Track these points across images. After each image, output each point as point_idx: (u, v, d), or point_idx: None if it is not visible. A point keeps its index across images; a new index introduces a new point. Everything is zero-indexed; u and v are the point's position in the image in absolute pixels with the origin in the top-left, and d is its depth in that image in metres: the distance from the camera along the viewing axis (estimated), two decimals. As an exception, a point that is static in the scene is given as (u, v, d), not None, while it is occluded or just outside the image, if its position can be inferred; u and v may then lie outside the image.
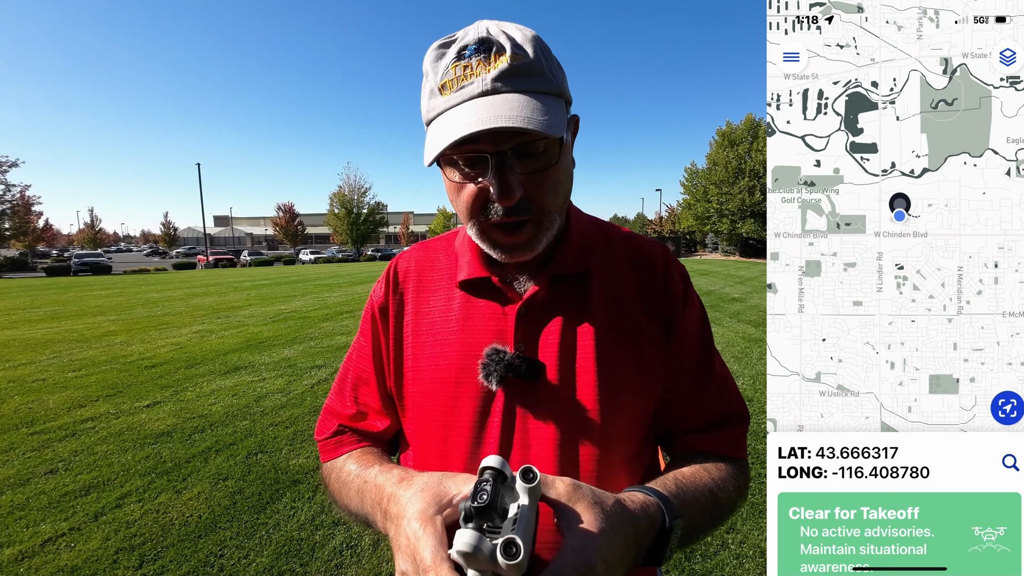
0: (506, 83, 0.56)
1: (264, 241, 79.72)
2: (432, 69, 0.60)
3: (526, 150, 0.58)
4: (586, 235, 0.72)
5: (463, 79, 0.56)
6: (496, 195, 0.57)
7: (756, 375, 4.85)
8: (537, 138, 0.57)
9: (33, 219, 36.84)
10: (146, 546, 2.37)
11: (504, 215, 0.59)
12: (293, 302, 11.14)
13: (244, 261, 36.92)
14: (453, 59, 0.57)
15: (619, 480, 0.65)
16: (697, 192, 33.71)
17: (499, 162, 0.56)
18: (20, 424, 3.93)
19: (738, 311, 8.60)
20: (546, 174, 0.60)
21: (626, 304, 0.69)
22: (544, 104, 0.56)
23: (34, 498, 2.81)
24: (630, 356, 0.66)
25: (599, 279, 0.69)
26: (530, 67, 0.57)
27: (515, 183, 0.57)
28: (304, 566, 2.23)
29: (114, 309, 10.56)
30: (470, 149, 0.57)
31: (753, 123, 31.04)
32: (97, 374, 5.34)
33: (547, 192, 0.60)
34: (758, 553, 2.25)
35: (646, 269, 0.71)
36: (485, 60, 0.56)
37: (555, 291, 0.67)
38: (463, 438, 0.64)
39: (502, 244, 0.62)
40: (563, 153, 0.61)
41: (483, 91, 0.56)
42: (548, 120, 0.55)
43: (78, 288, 16.64)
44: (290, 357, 5.90)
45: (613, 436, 0.64)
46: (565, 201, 0.66)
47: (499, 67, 0.56)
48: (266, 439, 3.54)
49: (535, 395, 0.63)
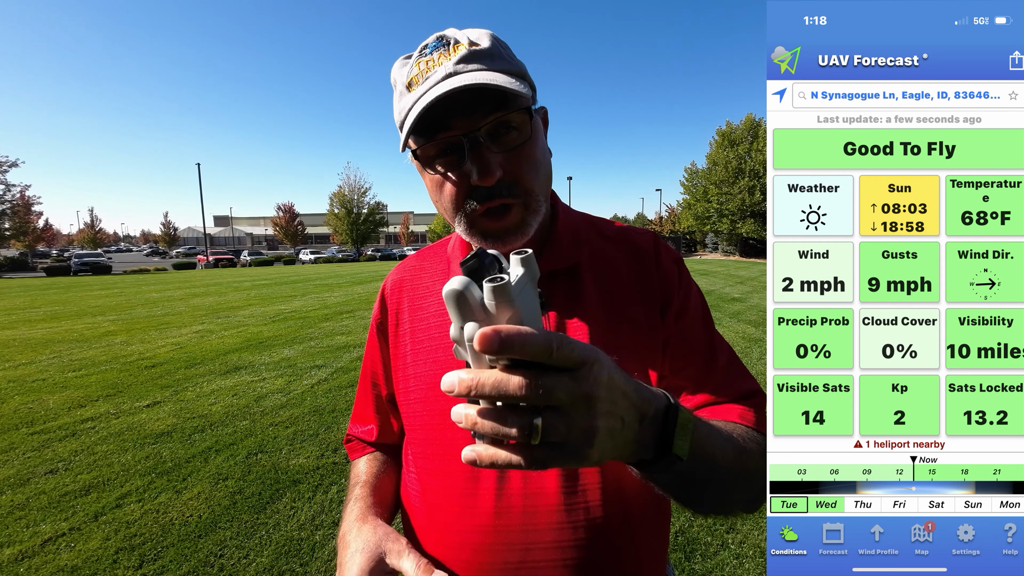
0: (467, 64, 0.58)
1: (264, 241, 79.71)
2: (400, 75, 0.62)
3: (501, 129, 0.59)
4: (574, 229, 0.72)
5: (427, 71, 0.59)
6: (476, 176, 0.58)
7: (756, 375, 4.84)
8: (509, 112, 0.58)
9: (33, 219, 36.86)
10: (146, 546, 2.37)
11: (487, 198, 0.59)
12: (293, 302, 11.13)
13: (244, 261, 36.91)
14: (416, 58, 0.60)
15: (623, 479, 0.63)
16: (697, 192, 33.70)
17: (473, 143, 0.58)
18: (20, 424, 3.93)
19: (738, 311, 8.60)
20: (523, 151, 0.60)
21: (620, 297, 0.68)
22: (507, 75, 0.58)
23: (34, 498, 2.81)
24: (627, 349, 0.65)
25: (591, 273, 0.69)
26: (488, 51, 0.59)
27: (493, 162, 0.58)
28: (304, 566, 2.23)
29: (114, 309, 10.56)
30: (443, 138, 0.58)
31: (753, 123, 31.02)
32: (97, 374, 5.34)
33: (527, 170, 0.61)
34: (758, 553, 2.25)
35: (638, 259, 0.71)
36: (445, 51, 0.59)
37: (548, 287, 0.67)
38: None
39: (492, 231, 0.62)
40: (535, 131, 0.62)
41: (446, 74, 0.57)
42: (513, 83, 0.56)
43: (78, 288, 16.64)
44: (290, 357, 5.90)
45: None
46: (547, 183, 0.66)
47: (459, 53, 0.58)
48: (266, 439, 3.54)
49: None
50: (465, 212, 0.61)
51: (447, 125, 0.57)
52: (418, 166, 0.64)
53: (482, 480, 0.61)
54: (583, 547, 0.59)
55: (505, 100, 0.58)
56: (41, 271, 29.98)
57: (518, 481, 0.61)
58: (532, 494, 0.60)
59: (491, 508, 0.60)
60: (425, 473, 0.67)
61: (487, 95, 0.57)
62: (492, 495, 0.61)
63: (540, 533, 0.59)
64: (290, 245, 52.27)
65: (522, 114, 0.59)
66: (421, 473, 0.68)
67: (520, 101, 0.59)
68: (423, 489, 0.67)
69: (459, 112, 0.57)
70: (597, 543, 0.60)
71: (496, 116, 0.58)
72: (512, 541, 0.59)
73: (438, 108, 0.56)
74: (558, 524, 0.59)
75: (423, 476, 0.68)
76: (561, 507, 0.60)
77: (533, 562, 0.59)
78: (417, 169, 0.66)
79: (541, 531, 0.59)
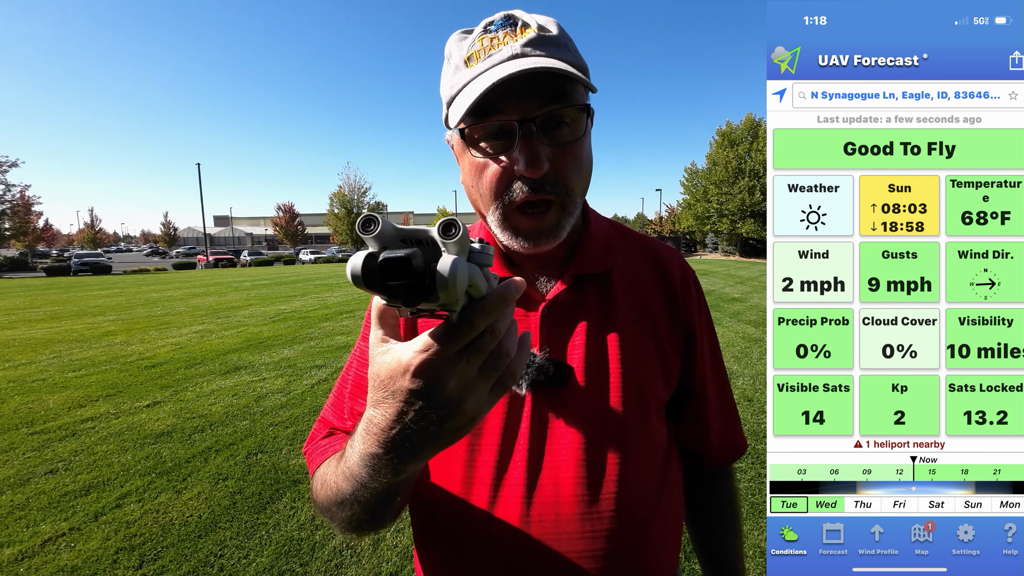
0: (535, 48, 0.55)
1: (264, 241, 79.66)
2: (456, 48, 0.59)
3: (553, 122, 0.56)
4: (606, 235, 0.71)
5: (490, 48, 0.56)
6: (523, 166, 0.55)
7: (756, 375, 4.85)
8: (566, 106, 0.56)
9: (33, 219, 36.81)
10: (146, 546, 2.37)
11: (530, 191, 0.56)
12: (293, 302, 11.13)
13: (244, 261, 36.88)
14: (479, 34, 0.57)
15: (649, 486, 0.63)
16: (697, 192, 33.68)
17: (526, 132, 0.55)
18: (20, 424, 3.93)
19: (738, 311, 8.60)
20: (572, 149, 0.58)
21: (649, 306, 0.68)
22: (574, 68, 0.56)
23: (34, 498, 2.81)
24: (655, 359, 0.65)
25: (622, 279, 0.68)
26: (557, 39, 0.57)
27: (543, 154, 0.55)
28: (304, 566, 2.23)
29: (114, 309, 10.55)
30: (496, 120, 0.55)
31: (753, 123, 31.01)
32: (97, 374, 5.33)
33: (572, 170, 0.58)
34: (758, 553, 2.25)
35: (665, 273, 0.71)
36: (512, 32, 0.56)
37: (578, 292, 0.65)
38: (492, 444, 0.61)
39: (525, 230, 0.59)
40: (587, 131, 0.60)
41: (512, 55, 0.55)
42: (580, 77, 0.54)
43: (78, 288, 16.63)
44: (290, 357, 5.90)
45: (641, 440, 0.63)
46: (586, 186, 0.63)
47: (527, 36, 0.56)
48: (266, 439, 3.54)
49: (563, 399, 0.61)
50: (503, 202, 0.58)
51: (499, 108, 0.54)
52: (460, 145, 0.61)
53: (509, 485, 0.60)
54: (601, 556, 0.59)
55: (564, 93, 0.56)
56: (41, 271, 29.97)
57: (548, 488, 0.59)
58: (563, 501, 0.59)
59: (520, 500, 0.59)
60: (449, 477, 0.63)
61: (547, 85, 0.55)
62: (521, 491, 0.59)
63: (570, 541, 0.58)
64: (290, 245, 52.26)
65: (578, 111, 0.57)
66: (445, 476, 0.64)
67: (579, 96, 0.57)
68: (437, 490, 0.64)
69: (515, 97, 0.54)
70: (614, 548, 0.59)
71: (554, 107, 0.55)
72: (544, 548, 0.58)
73: (495, 89, 0.52)
74: (591, 532, 0.58)
75: (439, 477, 0.64)
76: (590, 512, 0.59)
77: (562, 569, 0.58)
78: (455, 149, 0.63)
79: (570, 539, 0.58)
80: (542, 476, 0.59)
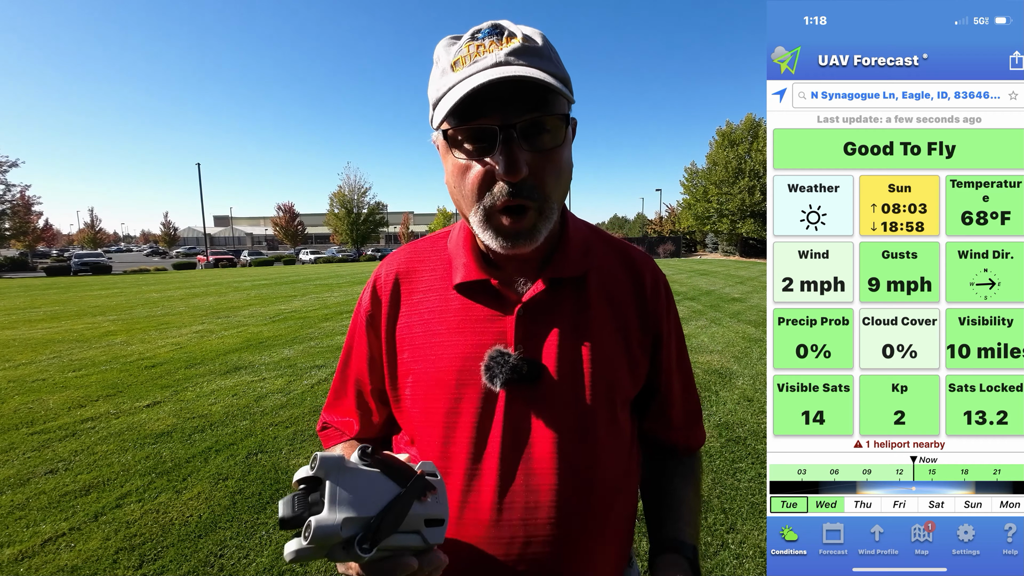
0: (519, 58, 0.58)
1: (264, 241, 79.70)
2: (444, 52, 0.62)
3: (534, 129, 0.59)
4: (583, 238, 0.73)
5: (476, 55, 0.58)
6: (503, 170, 0.57)
7: (756, 375, 4.85)
8: (546, 114, 0.58)
9: (33, 219, 36.82)
10: (146, 546, 2.37)
11: (509, 195, 0.59)
12: (293, 302, 11.13)
13: (244, 261, 36.88)
14: (467, 41, 0.60)
15: (614, 479, 0.66)
16: (697, 192, 33.70)
17: (507, 137, 0.57)
18: (20, 424, 3.93)
19: (738, 311, 8.60)
20: (551, 155, 0.60)
21: (621, 308, 0.71)
22: (555, 79, 0.58)
23: (34, 498, 2.81)
24: (624, 360, 0.69)
25: (597, 281, 0.71)
26: (541, 50, 0.59)
27: (522, 159, 0.57)
28: (304, 566, 2.23)
29: (114, 309, 10.55)
30: (478, 124, 0.58)
31: (753, 123, 31.02)
32: (97, 374, 5.33)
33: (550, 176, 0.61)
34: (758, 553, 2.25)
35: (638, 276, 0.74)
36: (498, 40, 0.59)
37: (554, 294, 0.68)
38: (465, 440, 0.64)
39: (505, 230, 0.62)
40: (566, 139, 0.62)
41: (496, 63, 0.57)
42: (558, 86, 0.57)
43: (78, 288, 16.64)
44: (290, 357, 5.90)
45: (609, 436, 0.66)
46: (564, 193, 0.66)
47: (512, 45, 0.58)
48: (266, 439, 3.54)
49: (535, 397, 0.64)
50: (484, 204, 0.61)
51: (483, 112, 0.57)
52: (443, 147, 0.63)
53: (483, 475, 0.63)
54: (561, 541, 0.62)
55: (546, 102, 0.59)
56: (41, 271, 29.98)
57: (520, 478, 0.62)
58: (533, 489, 0.62)
59: (493, 489, 0.62)
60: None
61: (529, 92, 0.57)
62: (495, 480, 0.62)
63: (539, 528, 0.61)
64: (290, 245, 52.26)
65: (558, 119, 0.60)
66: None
67: (559, 106, 0.60)
68: None
69: (498, 102, 0.57)
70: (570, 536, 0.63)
71: (535, 115, 0.58)
72: (515, 535, 0.61)
73: (479, 94, 0.56)
74: (558, 518, 0.62)
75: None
76: (558, 501, 0.62)
77: (532, 555, 0.61)
78: (440, 150, 0.65)
79: (540, 525, 0.61)
80: (516, 466, 0.63)
